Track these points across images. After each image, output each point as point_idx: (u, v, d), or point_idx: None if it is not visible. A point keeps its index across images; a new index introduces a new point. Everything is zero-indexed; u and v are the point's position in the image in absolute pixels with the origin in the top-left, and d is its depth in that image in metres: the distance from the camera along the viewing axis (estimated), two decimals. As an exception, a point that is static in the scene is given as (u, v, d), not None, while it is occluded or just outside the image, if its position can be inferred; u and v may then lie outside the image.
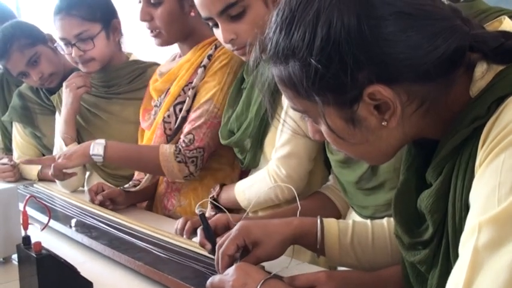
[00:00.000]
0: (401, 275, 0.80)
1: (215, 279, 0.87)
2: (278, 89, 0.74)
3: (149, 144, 1.61)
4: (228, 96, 1.44)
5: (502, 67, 0.65)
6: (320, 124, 0.73)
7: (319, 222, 0.98)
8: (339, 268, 1.11)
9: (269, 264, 0.99)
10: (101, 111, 1.84)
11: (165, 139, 1.54)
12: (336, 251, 0.97)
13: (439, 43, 0.64)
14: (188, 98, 1.52)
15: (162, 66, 1.68)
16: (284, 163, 1.22)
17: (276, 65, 0.71)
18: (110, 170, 1.80)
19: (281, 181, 1.22)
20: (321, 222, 0.98)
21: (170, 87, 1.58)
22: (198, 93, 1.51)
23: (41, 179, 2.00)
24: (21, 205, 1.13)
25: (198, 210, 1.08)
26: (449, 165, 0.67)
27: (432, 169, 0.70)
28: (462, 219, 0.64)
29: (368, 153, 0.74)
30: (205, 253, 1.09)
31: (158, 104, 1.62)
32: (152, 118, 1.63)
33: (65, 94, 1.80)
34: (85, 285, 0.96)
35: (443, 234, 0.69)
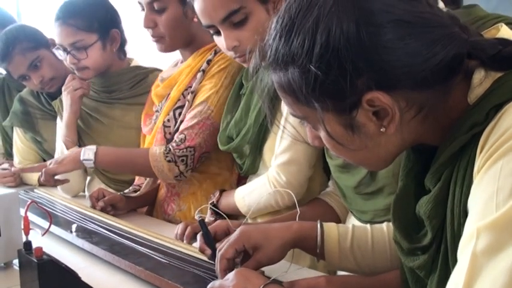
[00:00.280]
0: (400, 280, 0.81)
1: (215, 284, 0.88)
2: (277, 95, 0.74)
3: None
4: (227, 101, 1.45)
5: (500, 74, 0.65)
6: (319, 130, 0.73)
7: (319, 226, 0.99)
8: (339, 273, 1.11)
9: (269, 269, 0.99)
10: (103, 116, 1.85)
11: (165, 143, 1.55)
12: (336, 255, 0.98)
13: (438, 50, 0.64)
14: (187, 102, 1.53)
15: (164, 72, 1.69)
16: (284, 170, 1.23)
17: (276, 72, 0.71)
18: (111, 175, 1.81)
19: (281, 187, 1.22)
20: (321, 226, 0.99)
21: (171, 92, 1.59)
22: (196, 96, 1.53)
23: (42, 184, 2.00)
24: (22, 210, 1.14)
25: (198, 216, 1.09)
26: (447, 171, 0.68)
27: (431, 175, 0.70)
28: (461, 224, 0.64)
29: (367, 159, 0.74)
30: (205, 258, 1.09)
31: (159, 109, 1.63)
32: (153, 123, 1.64)
33: (64, 98, 1.81)
34: (86, 290, 0.97)
35: (442, 239, 0.69)
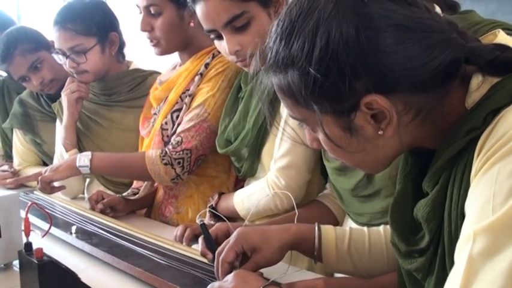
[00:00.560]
0: (397, 282, 0.81)
1: (214, 286, 0.88)
2: (277, 98, 0.75)
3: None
4: (225, 104, 1.46)
5: (497, 79, 0.66)
6: (318, 132, 0.74)
7: (316, 228, 0.99)
8: (336, 275, 1.12)
9: (267, 270, 1.00)
10: (102, 118, 1.86)
11: (163, 146, 1.55)
12: (333, 258, 0.98)
13: (436, 55, 0.65)
14: (185, 105, 1.53)
15: (163, 75, 1.70)
16: (283, 174, 1.24)
17: (276, 74, 0.72)
18: (110, 177, 1.81)
19: (280, 191, 1.23)
20: (319, 228, 0.99)
21: (169, 95, 1.60)
22: (193, 99, 1.53)
23: (41, 186, 2.01)
24: (22, 212, 1.15)
25: (199, 220, 1.09)
26: (445, 174, 0.69)
27: (429, 178, 0.71)
28: (458, 227, 0.65)
29: (364, 161, 0.75)
30: (204, 260, 1.10)
31: (157, 112, 1.64)
32: (151, 125, 1.65)
33: (63, 100, 1.82)
34: (86, 291, 0.97)
35: (439, 242, 0.70)
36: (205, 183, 1.56)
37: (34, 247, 0.96)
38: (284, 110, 1.21)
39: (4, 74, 2.24)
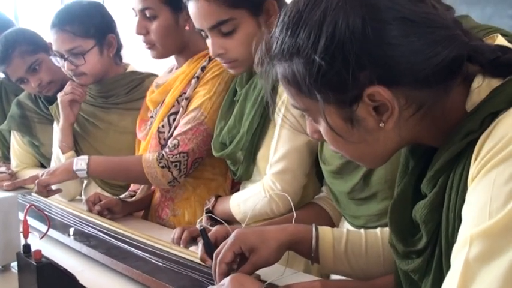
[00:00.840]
0: (395, 284, 0.82)
1: (210, 290, 0.89)
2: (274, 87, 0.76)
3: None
4: (221, 107, 1.46)
5: (498, 84, 0.67)
6: (319, 123, 0.74)
7: (314, 229, 1.00)
8: (332, 277, 1.12)
9: (264, 273, 1.00)
10: (99, 120, 1.86)
11: (160, 149, 1.56)
12: (330, 259, 0.99)
13: (439, 50, 0.66)
14: (182, 109, 1.54)
15: (159, 78, 1.70)
16: (279, 178, 1.24)
17: (281, 63, 0.72)
18: (107, 180, 1.82)
19: (276, 196, 1.24)
20: (316, 229, 1.00)
21: (166, 98, 1.60)
22: (190, 102, 1.54)
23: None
24: (20, 214, 1.15)
25: (199, 225, 1.09)
26: (443, 177, 0.69)
27: (427, 181, 0.72)
28: (455, 230, 0.65)
29: (364, 154, 0.75)
30: (202, 262, 1.10)
31: (154, 115, 1.64)
32: (148, 128, 1.65)
33: (58, 103, 1.82)
34: (84, 293, 0.98)
35: (436, 244, 0.71)
36: (202, 185, 1.57)
37: (32, 249, 0.96)
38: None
39: (2, 76, 2.24)
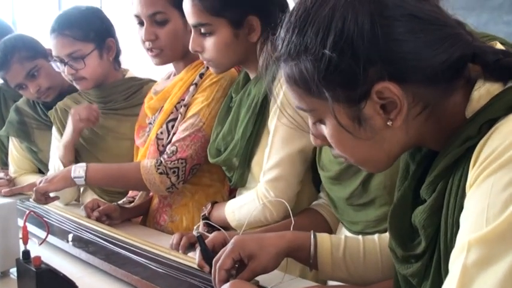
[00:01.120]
0: (393, 288, 0.83)
1: (210, 296, 0.89)
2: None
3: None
4: (218, 113, 1.47)
5: (498, 90, 0.68)
6: (325, 124, 0.74)
7: (312, 236, 1.00)
8: (330, 282, 1.13)
9: (263, 279, 1.01)
10: (97, 126, 1.86)
11: (159, 155, 1.56)
12: (329, 265, 0.99)
13: (445, 47, 0.67)
14: (180, 115, 1.55)
15: (157, 84, 1.71)
16: (272, 186, 1.25)
17: (287, 63, 0.72)
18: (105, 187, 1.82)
19: (270, 203, 1.25)
20: (314, 236, 1.00)
21: (164, 105, 1.61)
22: (188, 108, 1.55)
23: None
24: (19, 220, 1.15)
25: (196, 232, 1.10)
26: (442, 183, 0.70)
27: (426, 186, 0.73)
28: (453, 235, 0.66)
29: (370, 156, 0.75)
30: (201, 268, 1.11)
31: (152, 121, 1.65)
32: (146, 135, 1.66)
33: (68, 121, 1.79)
34: (83, 299, 0.98)
35: (435, 248, 0.71)
36: (200, 191, 1.57)
37: (31, 255, 0.97)
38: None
39: (0, 82, 2.25)
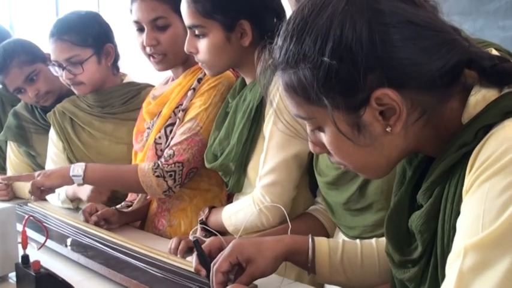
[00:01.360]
0: (390, 293, 0.84)
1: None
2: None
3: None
4: (216, 118, 1.48)
5: (494, 96, 0.69)
6: (324, 131, 0.74)
7: (310, 240, 1.01)
8: (328, 287, 1.13)
9: (261, 283, 1.01)
10: (95, 130, 1.87)
11: (157, 160, 1.56)
12: (326, 269, 1.00)
13: (443, 53, 0.68)
14: (178, 120, 1.55)
15: (155, 89, 1.71)
16: (268, 191, 1.26)
17: (286, 71, 0.73)
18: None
19: (266, 209, 1.25)
20: (312, 240, 1.01)
21: (162, 109, 1.61)
22: (186, 113, 1.55)
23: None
24: (17, 224, 1.16)
25: (192, 236, 1.10)
26: (439, 188, 0.71)
27: (423, 192, 0.73)
28: (450, 240, 0.67)
29: (369, 162, 0.76)
30: (199, 272, 1.11)
31: (150, 126, 1.65)
32: (144, 140, 1.66)
33: (86, 197, 1.72)
34: (82, 303, 0.98)
35: (432, 253, 0.72)
36: (198, 196, 1.58)
37: (30, 259, 0.97)
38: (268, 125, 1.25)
39: (-1, 86, 2.25)
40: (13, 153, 2.16)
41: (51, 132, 1.93)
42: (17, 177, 1.84)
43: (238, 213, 1.33)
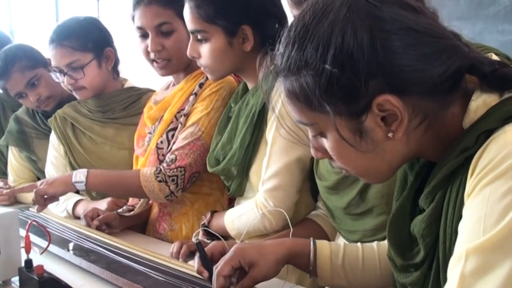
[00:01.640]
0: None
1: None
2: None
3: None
4: (218, 123, 1.49)
5: (495, 101, 0.69)
6: (326, 137, 0.75)
7: (312, 243, 1.01)
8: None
9: (263, 287, 1.02)
10: (96, 135, 1.87)
11: (159, 165, 1.57)
12: (328, 272, 1.00)
13: (444, 59, 0.68)
14: (180, 125, 1.56)
15: (156, 94, 1.72)
16: (271, 196, 1.26)
17: (287, 78, 0.73)
18: (101, 197, 1.82)
19: (269, 213, 1.26)
20: (314, 243, 1.01)
21: (164, 114, 1.62)
22: (188, 118, 1.56)
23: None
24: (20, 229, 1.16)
25: (195, 239, 1.11)
26: (441, 192, 0.71)
27: (425, 196, 0.74)
28: (452, 244, 0.67)
29: (371, 168, 0.76)
30: (201, 276, 1.11)
31: (152, 131, 1.66)
32: (146, 144, 1.67)
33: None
34: (85, 307, 0.99)
35: (434, 257, 0.72)
36: (200, 200, 1.58)
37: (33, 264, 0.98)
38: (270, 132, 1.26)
39: (0, 92, 2.26)
40: (14, 158, 2.16)
41: (52, 136, 1.93)
42: (20, 189, 1.85)
43: (241, 217, 1.33)
